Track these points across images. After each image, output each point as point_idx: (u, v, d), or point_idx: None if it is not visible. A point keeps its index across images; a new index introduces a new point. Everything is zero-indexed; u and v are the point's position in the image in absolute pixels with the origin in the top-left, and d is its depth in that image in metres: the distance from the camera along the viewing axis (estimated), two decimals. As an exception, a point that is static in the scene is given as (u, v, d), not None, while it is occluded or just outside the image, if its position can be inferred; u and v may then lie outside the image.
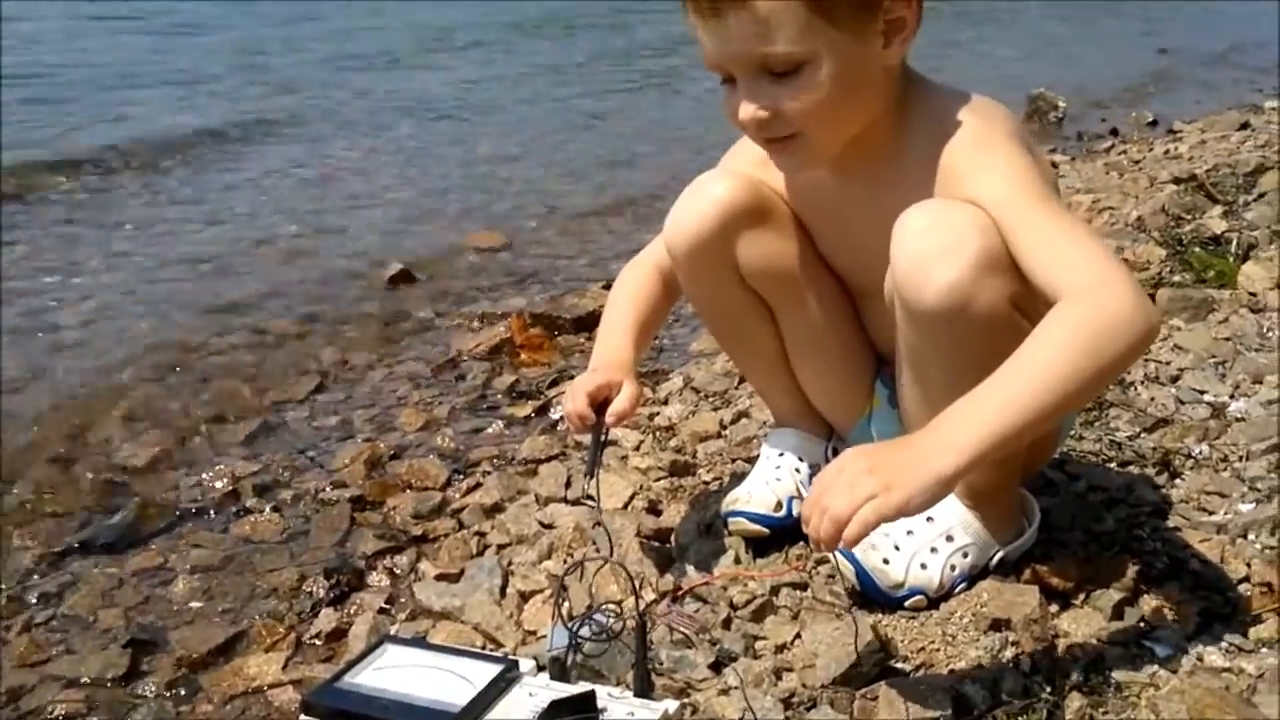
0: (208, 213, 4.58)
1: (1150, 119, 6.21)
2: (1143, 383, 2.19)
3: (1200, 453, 1.90)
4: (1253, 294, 2.60)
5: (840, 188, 1.55)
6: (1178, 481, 1.82)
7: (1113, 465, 1.89)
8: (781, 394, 1.83)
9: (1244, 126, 5.33)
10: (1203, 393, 2.12)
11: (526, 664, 1.31)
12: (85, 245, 4.08)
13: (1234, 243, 2.92)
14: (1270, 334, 2.36)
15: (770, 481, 1.76)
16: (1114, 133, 5.80)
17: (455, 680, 1.25)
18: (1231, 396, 2.10)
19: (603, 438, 1.62)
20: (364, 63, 8.54)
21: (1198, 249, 2.92)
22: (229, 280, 3.70)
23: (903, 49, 1.40)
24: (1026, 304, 1.35)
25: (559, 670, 1.28)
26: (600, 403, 1.61)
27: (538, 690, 1.25)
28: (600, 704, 1.21)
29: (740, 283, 1.66)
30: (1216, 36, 10.27)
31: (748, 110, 1.40)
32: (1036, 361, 1.21)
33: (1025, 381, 1.20)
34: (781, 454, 1.80)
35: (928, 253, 1.34)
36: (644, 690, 1.25)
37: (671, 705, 1.24)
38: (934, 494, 1.17)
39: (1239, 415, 2.02)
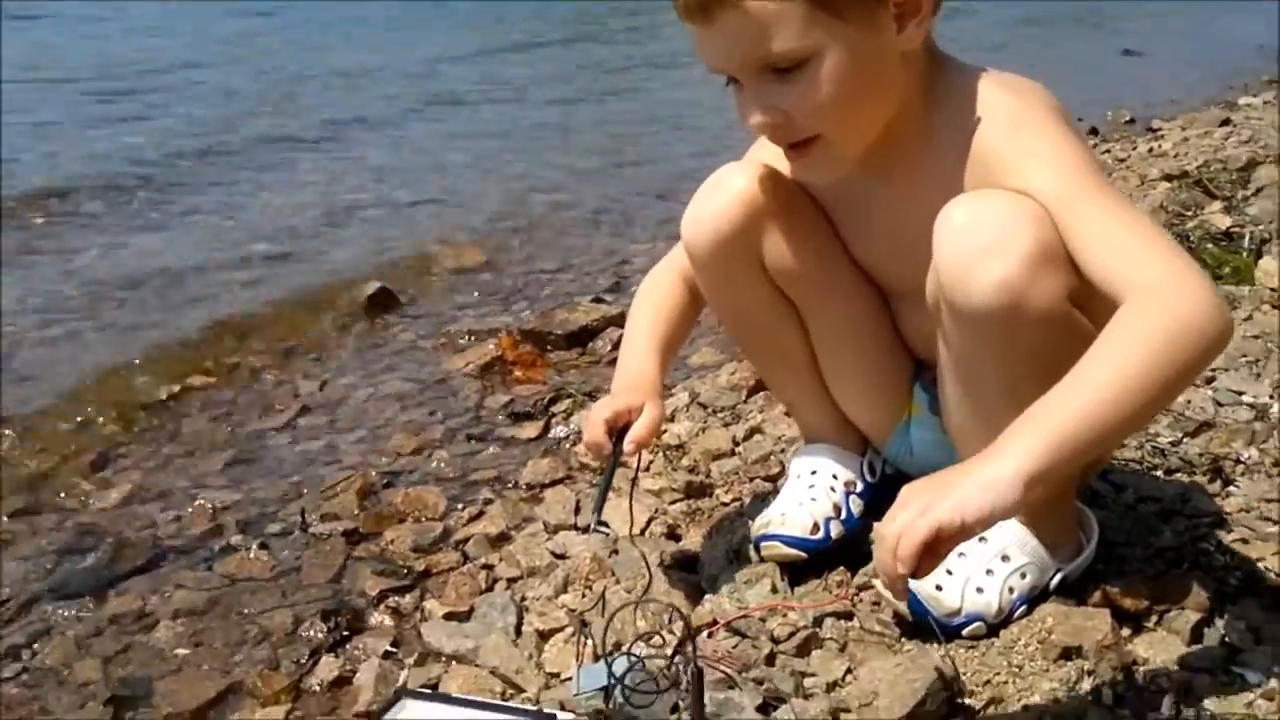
0: (171, 237, 4.34)
1: (1128, 117, 6.17)
2: (1178, 385, 2.09)
3: (1250, 458, 1.80)
4: (1273, 289, 2.51)
5: (868, 182, 1.44)
6: (1232, 489, 1.71)
7: (1159, 473, 1.79)
8: (811, 406, 1.70)
9: (1225, 123, 5.30)
10: (1241, 394, 2.02)
11: (564, 717, 1.18)
12: (43, 270, 3.85)
13: (1246, 238, 2.84)
14: (1299, 331, 2.27)
15: (805, 501, 1.63)
16: (1094, 131, 5.73)
17: (489, 740, 1.13)
18: (1271, 398, 2.01)
19: (618, 465, 1.50)
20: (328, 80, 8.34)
21: (1210, 245, 2.84)
22: (196, 307, 3.49)
23: (920, 32, 1.29)
24: (1086, 299, 1.23)
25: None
26: (620, 428, 1.49)
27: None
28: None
29: (766, 283, 1.54)
30: (1179, 38, 10.34)
31: (758, 116, 1.30)
32: (1107, 367, 1.10)
33: (1096, 389, 1.09)
34: (814, 471, 1.68)
35: (974, 249, 1.23)
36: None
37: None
38: (996, 496, 1.03)
39: (1283, 417, 1.93)
